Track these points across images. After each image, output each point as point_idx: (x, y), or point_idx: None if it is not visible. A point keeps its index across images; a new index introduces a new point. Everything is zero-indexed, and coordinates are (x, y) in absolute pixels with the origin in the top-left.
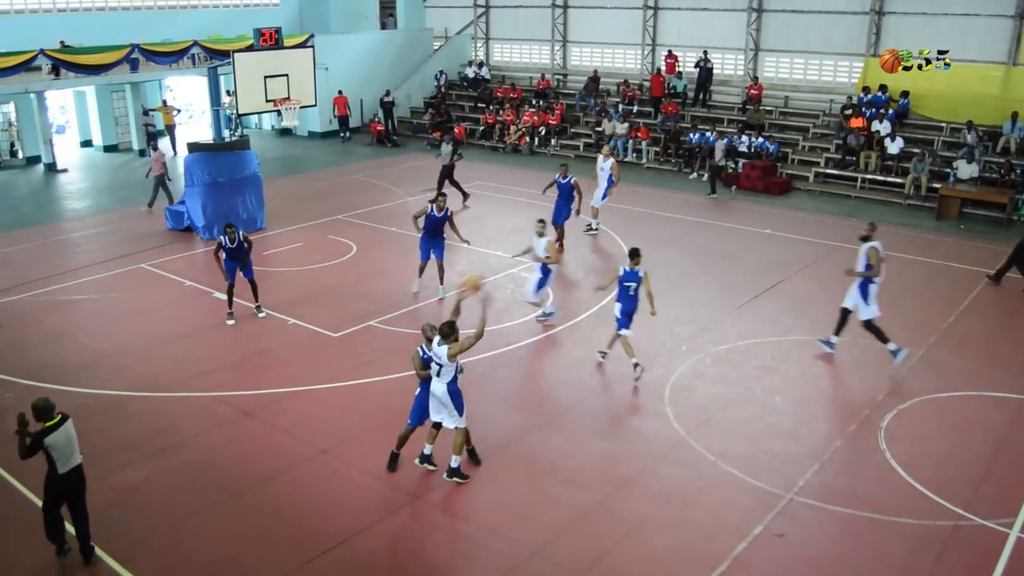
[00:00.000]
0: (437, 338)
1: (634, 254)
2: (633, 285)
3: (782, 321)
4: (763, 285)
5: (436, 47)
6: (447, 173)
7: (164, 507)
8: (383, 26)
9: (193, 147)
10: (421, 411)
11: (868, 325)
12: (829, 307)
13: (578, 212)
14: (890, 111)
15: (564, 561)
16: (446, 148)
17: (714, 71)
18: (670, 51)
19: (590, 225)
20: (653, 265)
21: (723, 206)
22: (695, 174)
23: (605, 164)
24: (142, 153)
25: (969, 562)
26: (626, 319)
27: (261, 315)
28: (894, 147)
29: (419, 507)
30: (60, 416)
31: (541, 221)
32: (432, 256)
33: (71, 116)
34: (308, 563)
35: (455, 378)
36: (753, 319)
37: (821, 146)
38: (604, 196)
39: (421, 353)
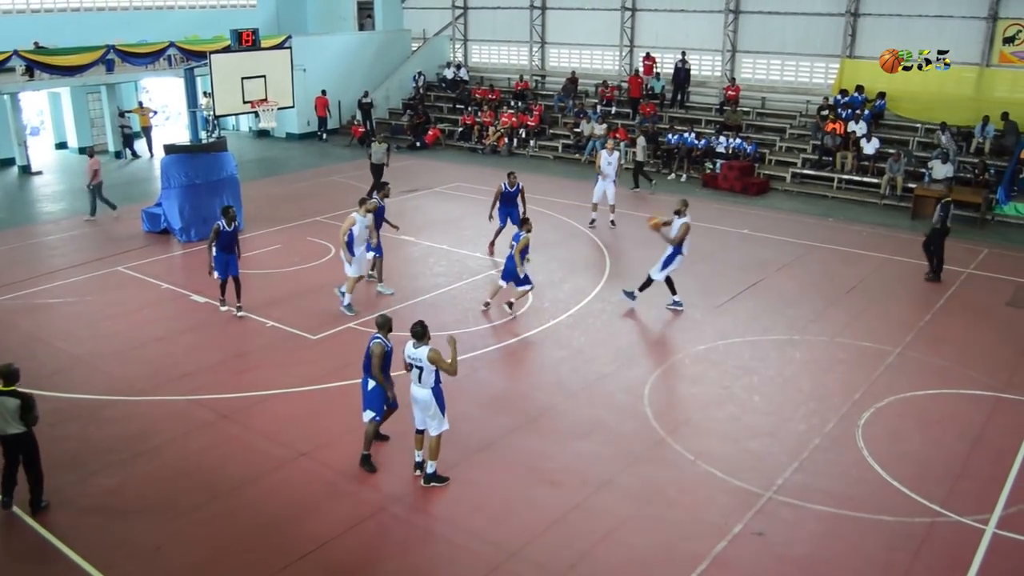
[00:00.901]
0: (411, 342)
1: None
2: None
3: (761, 320)
4: (742, 285)
5: (414, 48)
6: (378, 173)
7: (142, 512)
8: (361, 27)
9: (170, 149)
10: (381, 403)
11: (668, 281)
12: (808, 306)
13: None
14: (866, 112)
15: (545, 562)
16: (378, 147)
17: (692, 72)
18: (648, 52)
19: (593, 220)
20: (633, 265)
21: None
22: (673, 175)
23: (611, 158)
24: (118, 155)
25: (946, 558)
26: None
27: (239, 314)
28: (870, 148)
29: (399, 510)
30: (10, 390)
31: (684, 201)
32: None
33: (46, 118)
34: (288, 566)
35: (438, 379)
36: (732, 319)
37: (798, 147)
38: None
39: (384, 345)
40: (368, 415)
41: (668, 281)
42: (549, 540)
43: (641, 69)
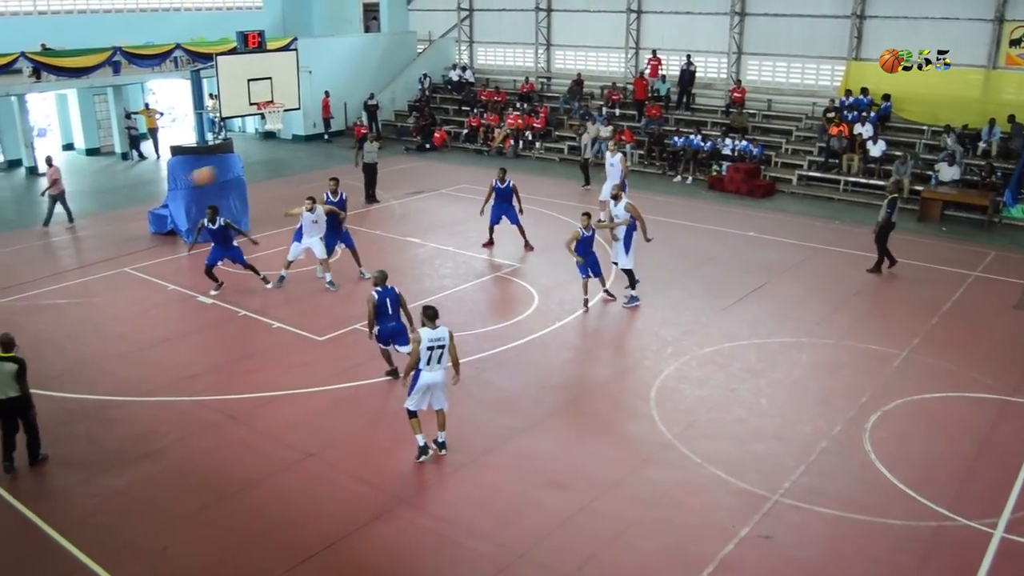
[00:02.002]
0: (427, 327)
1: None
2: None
3: (767, 323)
4: (748, 287)
5: (420, 50)
6: (371, 172)
7: (149, 512)
8: (367, 29)
9: (176, 150)
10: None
11: (628, 273)
12: (814, 309)
13: (521, 212)
14: (872, 114)
15: (552, 564)
16: (370, 146)
17: (697, 74)
18: (654, 53)
19: (600, 220)
20: (640, 267)
21: (692, 206)
22: (679, 177)
23: (614, 159)
24: (125, 156)
25: (953, 562)
26: None
27: (268, 286)
28: (876, 150)
29: (405, 511)
30: (9, 356)
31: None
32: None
33: (53, 119)
34: (294, 567)
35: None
36: (738, 321)
37: (804, 149)
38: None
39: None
40: (404, 349)
41: (629, 273)
42: (556, 542)
43: (647, 71)
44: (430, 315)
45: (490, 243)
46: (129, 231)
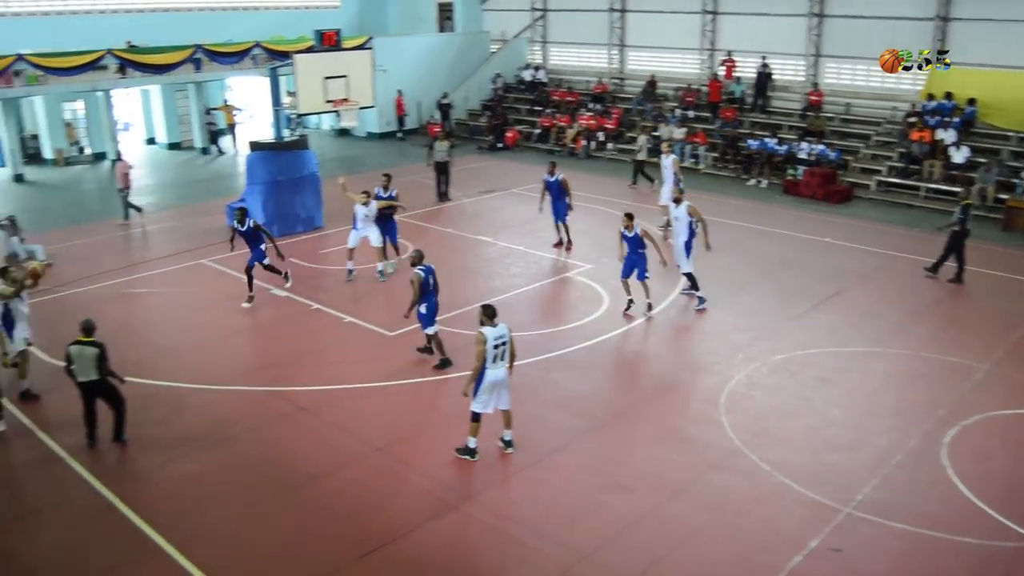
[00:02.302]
0: (487, 326)
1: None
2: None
3: (841, 331)
4: (822, 295)
5: (493, 50)
6: (442, 170)
7: (221, 498)
8: (441, 29)
9: (255, 146)
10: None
11: (689, 276)
12: (890, 318)
13: (570, 208)
14: (955, 119)
15: (615, 567)
16: (441, 145)
17: (774, 76)
18: (729, 55)
19: (667, 223)
20: (711, 271)
21: (762, 209)
22: (753, 180)
23: (667, 161)
24: (204, 151)
25: None
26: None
27: (286, 287)
28: (959, 156)
29: (470, 508)
30: (90, 340)
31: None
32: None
33: (136, 114)
34: (359, 559)
35: None
36: (811, 329)
37: (883, 154)
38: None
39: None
40: (431, 329)
41: (691, 278)
42: (620, 545)
43: (722, 72)
44: (490, 314)
45: (560, 242)
46: (207, 224)
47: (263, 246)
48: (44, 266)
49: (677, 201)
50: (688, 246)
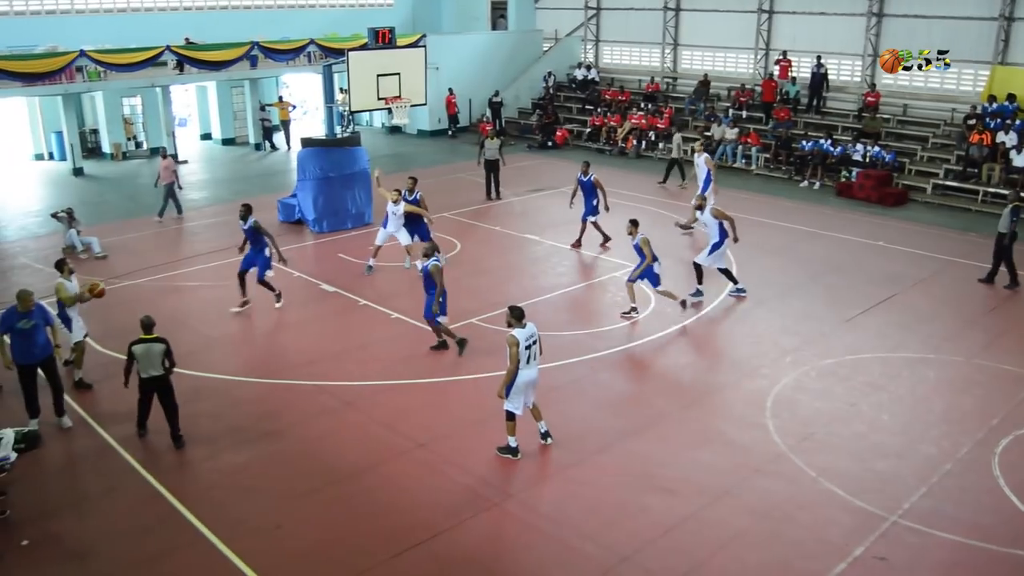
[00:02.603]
0: (517, 328)
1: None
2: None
3: (893, 337)
4: (874, 299)
5: (546, 48)
6: (493, 168)
7: (266, 490)
8: (494, 27)
9: (306, 142)
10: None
11: (697, 267)
12: (944, 324)
13: (607, 208)
14: (1018, 122)
15: (656, 570)
16: (491, 143)
17: (830, 76)
18: (784, 55)
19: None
20: (761, 273)
21: (810, 210)
22: (806, 182)
23: (699, 159)
24: (258, 147)
25: None
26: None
27: (276, 307)
28: (1020, 160)
29: (511, 506)
30: (154, 337)
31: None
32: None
33: (193, 110)
34: (400, 554)
35: None
36: (862, 333)
37: (941, 157)
38: (705, 191)
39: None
40: (443, 319)
41: (699, 270)
42: (662, 547)
43: (776, 72)
44: (518, 315)
45: (578, 243)
46: (259, 219)
47: (267, 251)
48: (102, 288)
49: (700, 208)
50: (716, 247)
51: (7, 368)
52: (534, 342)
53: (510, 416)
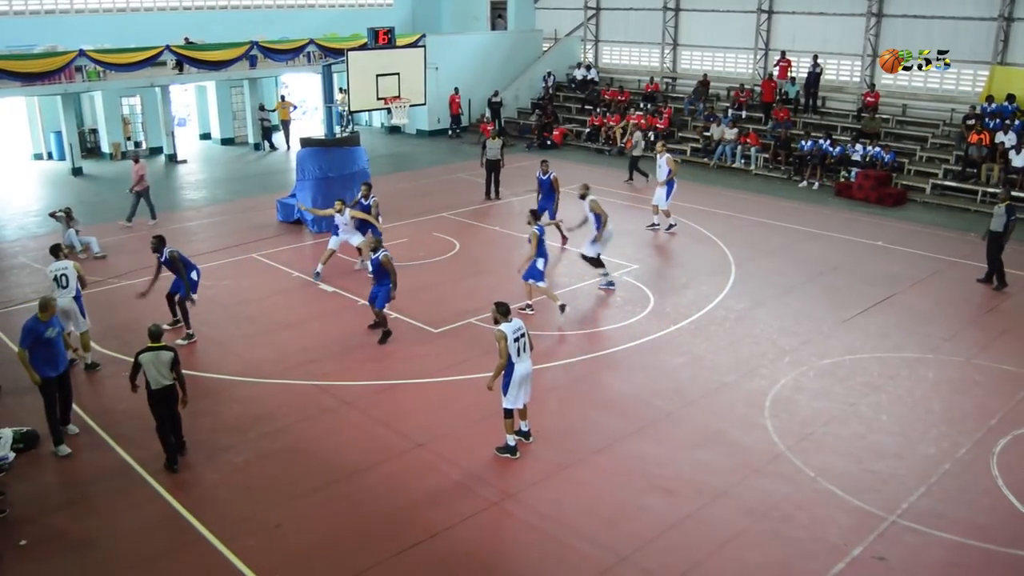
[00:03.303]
0: (504, 323)
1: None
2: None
3: (892, 337)
4: (873, 299)
5: (545, 48)
6: (493, 168)
7: (265, 490)
8: (493, 27)
9: (305, 142)
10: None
11: (588, 259)
12: (943, 324)
13: (556, 208)
14: (1017, 122)
15: (654, 569)
16: (493, 143)
17: (829, 77)
18: (783, 55)
19: (654, 224)
20: (759, 274)
21: (812, 212)
22: (805, 182)
23: (661, 160)
24: (257, 147)
25: None
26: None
27: (177, 342)
28: (1019, 160)
29: (510, 506)
30: (162, 346)
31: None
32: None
33: (192, 110)
34: (400, 553)
35: None
36: (861, 333)
37: (940, 157)
38: (668, 196)
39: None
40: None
41: (597, 259)
42: (660, 547)
43: (776, 72)
44: (503, 311)
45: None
46: (258, 219)
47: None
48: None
49: (583, 197)
50: (595, 238)
51: (36, 384)
52: (522, 335)
53: (508, 413)
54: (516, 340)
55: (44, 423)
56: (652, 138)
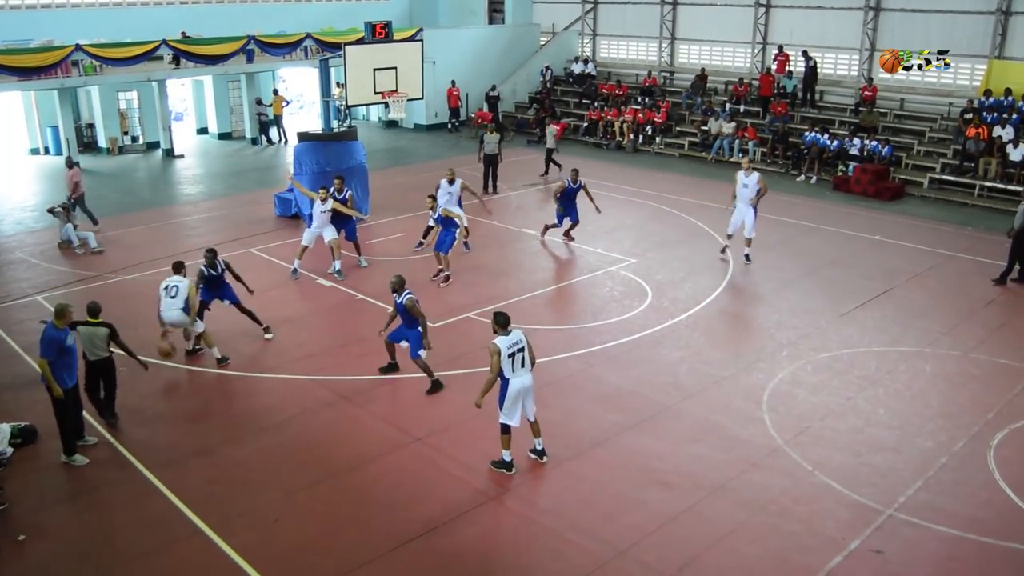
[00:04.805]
0: (501, 334)
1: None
2: None
3: (889, 331)
4: (871, 293)
5: (543, 42)
6: (491, 163)
7: (264, 484)
8: (491, 21)
9: (303, 137)
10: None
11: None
12: (941, 318)
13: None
14: (1014, 116)
15: (652, 563)
16: (491, 137)
17: (823, 70)
18: (780, 49)
19: (746, 256)
20: (757, 267)
21: (803, 204)
22: (803, 176)
23: (748, 180)
24: (254, 141)
25: None
26: None
27: (269, 336)
28: (1017, 154)
29: (509, 500)
30: (99, 322)
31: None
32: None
33: (189, 104)
34: (397, 548)
35: None
36: (859, 327)
37: (937, 151)
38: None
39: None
40: (423, 353)
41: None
42: (658, 541)
43: (774, 66)
44: (502, 322)
45: (567, 232)
46: (255, 213)
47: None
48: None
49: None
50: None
51: (57, 397)
52: (519, 349)
53: (505, 429)
54: (512, 355)
55: (42, 418)
56: (650, 132)
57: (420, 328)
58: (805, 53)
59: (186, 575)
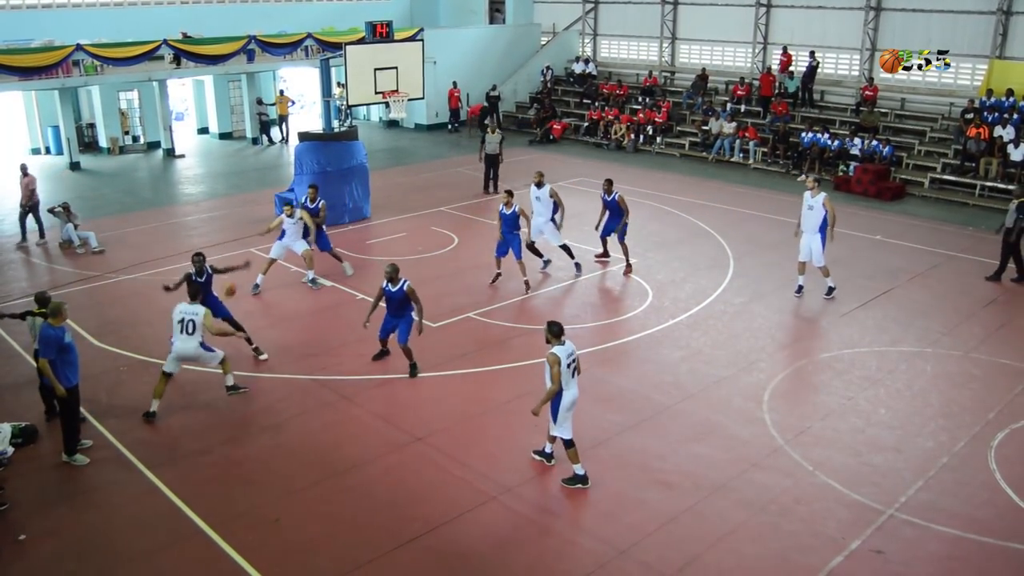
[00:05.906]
0: (556, 345)
1: None
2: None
3: (890, 331)
4: (871, 293)
5: (543, 42)
6: (492, 163)
7: (264, 483)
8: (491, 21)
9: (304, 136)
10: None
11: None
12: (942, 318)
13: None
14: (1015, 116)
15: (652, 563)
16: (492, 137)
17: (827, 71)
18: (784, 49)
19: (830, 290)
20: (759, 267)
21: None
22: (803, 176)
23: (814, 201)
24: (255, 141)
25: None
26: None
27: (262, 357)
28: (1017, 154)
29: (509, 500)
30: (43, 312)
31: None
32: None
33: (190, 104)
34: (398, 548)
35: None
36: (859, 327)
37: (938, 151)
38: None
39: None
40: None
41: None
42: (659, 541)
43: (776, 66)
44: (556, 332)
45: (604, 254)
46: (256, 213)
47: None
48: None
49: (539, 185)
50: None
51: (61, 396)
52: (573, 360)
53: (569, 443)
54: (569, 365)
55: (42, 418)
56: (650, 132)
57: (414, 314)
58: (812, 53)
59: (186, 575)
